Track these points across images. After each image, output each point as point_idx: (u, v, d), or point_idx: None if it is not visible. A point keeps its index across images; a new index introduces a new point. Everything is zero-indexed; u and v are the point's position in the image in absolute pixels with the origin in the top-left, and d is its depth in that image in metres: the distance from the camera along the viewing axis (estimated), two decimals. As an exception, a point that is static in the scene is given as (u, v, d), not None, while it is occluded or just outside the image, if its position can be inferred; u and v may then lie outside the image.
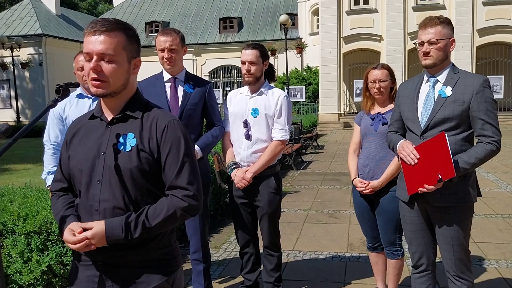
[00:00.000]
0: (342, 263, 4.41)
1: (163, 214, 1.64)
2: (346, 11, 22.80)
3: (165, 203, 1.66)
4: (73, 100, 3.40)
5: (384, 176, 3.13)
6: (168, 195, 1.69)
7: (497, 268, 4.17)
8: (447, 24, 2.56)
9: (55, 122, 3.39)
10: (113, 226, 1.60)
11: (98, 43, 1.60)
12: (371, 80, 3.20)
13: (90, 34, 1.62)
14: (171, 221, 1.67)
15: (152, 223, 1.62)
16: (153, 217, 1.63)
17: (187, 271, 3.94)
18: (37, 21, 29.58)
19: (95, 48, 1.60)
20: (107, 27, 1.61)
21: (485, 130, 2.48)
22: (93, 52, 1.60)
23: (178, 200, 1.67)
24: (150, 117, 1.72)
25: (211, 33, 31.51)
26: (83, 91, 3.42)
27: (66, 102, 3.38)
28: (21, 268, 3.50)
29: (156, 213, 1.64)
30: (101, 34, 1.60)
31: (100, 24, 1.61)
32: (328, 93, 22.92)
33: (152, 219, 1.63)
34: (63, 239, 1.65)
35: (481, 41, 21.85)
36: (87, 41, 1.62)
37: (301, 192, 7.84)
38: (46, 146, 3.40)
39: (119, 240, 1.61)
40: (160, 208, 1.65)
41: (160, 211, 1.64)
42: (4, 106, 29.84)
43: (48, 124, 3.42)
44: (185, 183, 1.69)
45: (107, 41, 1.60)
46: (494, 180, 8.47)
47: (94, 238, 1.59)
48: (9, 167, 11.28)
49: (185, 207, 1.67)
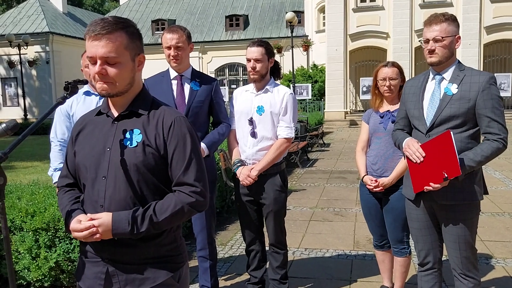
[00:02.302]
0: (348, 261, 4.40)
1: (171, 209, 1.65)
2: (352, 9, 22.71)
3: (173, 199, 1.67)
4: (80, 97, 3.41)
5: (394, 173, 3.13)
6: (175, 191, 1.70)
7: (504, 267, 4.15)
8: (452, 21, 2.54)
9: (62, 119, 3.40)
10: (120, 219, 1.61)
11: (100, 47, 1.60)
12: (382, 78, 3.19)
13: (91, 38, 1.62)
14: (179, 217, 1.68)
15: (159, 218, 1.63)
16: (160, 212, 1.64)
17: (194, 268, 3.95)
18: (44, 19, 29.70)
19: (98, 52, 1.61)
20: (107, 29, 1.61)
21: (491, 127, 2.47)
22: (97, 56, 1.61)
23: (186, 196, 1.68)
24: (156, 114, 1.74)
25: (217, 31, 31.50)
26: (90, 88, 3.43)
27: (73, 99, 3.39)
28: (29, 264, 3.54)
29: (164, 208, 1.65)
30: (103, 37, 1.60)
31: (100, 26, 1.61)
32: (334, 91, 22.85)
33: (159, 214, 1.64)
34: (70, 228, 1.66)
35: (488, 38, 21.68)
36: (90, 45, 1.63)
37: (307, 190, 7.84)
38: (53, 143, 3.43)
39: (125, 233, 1.61)
40: (167, 203, 1.66)
41: (168, 206, 1.65)
42: (11, 104, 30.02)
43: (55, 121, 3.44)
44: (192, 179, 1.70)
45: (109, 45, 1.61)
46: (501, 178, 8.42)
47: (101, 227, 1.60)
48: (17, 164, 11.35)
49: (192, 203, 1.69)
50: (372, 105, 3.35)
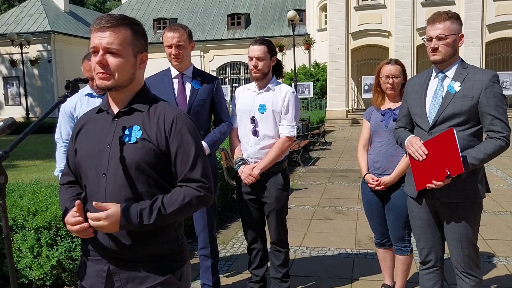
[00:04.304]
0: (350, 260, 4.40)
1: (179, 202, 1.65)
2: (354, 7, 22.68)
3: (181, 192, 1.68)
4: (83, 98, 3.41)
5: (396, 172, 3.13)
6: (182, 186, 1.71)
7: (505, 265, 4.15)
8: (455, 19, 2.53)
9: (67, 120, 3.41)
10: (128, 211, 1.59)
11: (104, 37, 1.63)
12: (385, 75, 3.18)
13: (96, 30, 1.64)
14: (187, 209, 1.68)
15: (167, 211, 1.63)
16: (169, 204, 1.64)
17: (195, 266, 3.95)
18: (46, 18, 29.75)
19: (101, 42, 1.63)
20: (113, 22, 1.63)
21: (494, 125, 2.46)
22: (99, 46, 1.63)
23: (194, 190, 1.69)
24: (157, 110, 1.74)
25: (219, 30, 31.50)
26: (92, 90, 3.43)
27: (77, 100, 3.39)
28: (31, 263, 3.54)
29: (172, 201, 1.64)
30: (107, 29, 1.63)
31: (106, 20, 1.64)
32: (336, 89, 22.83)
33: (168, 206, 1.63)
34: (65, 221, 1.66)
35: (490, 36, 21.63)
36: (94, 36, 1.65)
37: (308, 188, 7.83)
38: (58, 143, 3.42)
39: (133, 225, 1.59)
40: (176, 196, 1.66)
41: (176, 199, 1.65)
42: (13, 103, 30.10)
43: (59, 122, 3.44)
44: (200, 175, 1.71)
45: (112, 36, 1.63)
46: (503, 177, 8.40)
47: (109, 218, 1.56)
48: (19, 163, 11.36)
49: (201, 197, 1.69)
50: (373, 102, 3.34)
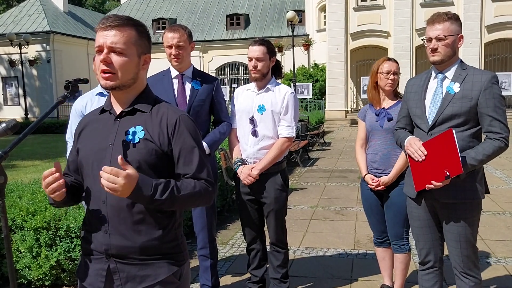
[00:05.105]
0: (349, 260, 4.40)
1: (190, 188, 1.67)
2: (353, 8, 22.70)
3: (192, 181, 1.70)
4: (94, 98, 3.38)
5: (394, 171, 3.15)
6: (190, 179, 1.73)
7: (504, 266, 4.15)
8: (455, 20, 2.54)
9: (77, 119, 3.38)
10: (145, 180, 1.58)
11: (109, 36, 1.64)
12: (386, 71, 3.18)
13: (101, 29, 1.66)
14: (195, 199, 1.70)
15: (179, 193, 1.64)
16: (181, 188, 1.65)
17: (195, 267, 3.95)
18: (45, 18, 29.72)
19: (106, 41, 1.64)
20: (118, 22, 1.65)
21: (493, 126, 2.47)
22: (104, 45, 1.65)
23: (203, 183, 1.72)
24: (160, 111, 1.75)
25: (218, 30, 31.51)
26: (103, 90, 3.41)
27: (87, 100, 3.37)
28: (30, 263, 3.54)
29: (184, 186, 1.66)
30: (113, 29, 1.65)
31: (111, 19, 1.66)
32: (335, 90, 22.85)
33: (180, 189, 1.65)
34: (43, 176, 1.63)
35: (489, 37, 21.66)
36: (99, 35, 1.67)
37: (307, 189, 7.84)
38: (68, 143, 3.39)
39: (143, 196, 1.57)
40: (187, 183, 1.68)
41: (187, 185, 1.68)
42: (12, 103, 30.05)
43: (70, 121, 3.41)
44: (206, 175, 1.74)
45: (117, 35, 1.65)
46: (502, 177, 8.41)
47: (126, 178, 1.52)
48: (18, 163, 11.35)
49: (209, 192, 1.73)
50: (371, 100, 3.32)
